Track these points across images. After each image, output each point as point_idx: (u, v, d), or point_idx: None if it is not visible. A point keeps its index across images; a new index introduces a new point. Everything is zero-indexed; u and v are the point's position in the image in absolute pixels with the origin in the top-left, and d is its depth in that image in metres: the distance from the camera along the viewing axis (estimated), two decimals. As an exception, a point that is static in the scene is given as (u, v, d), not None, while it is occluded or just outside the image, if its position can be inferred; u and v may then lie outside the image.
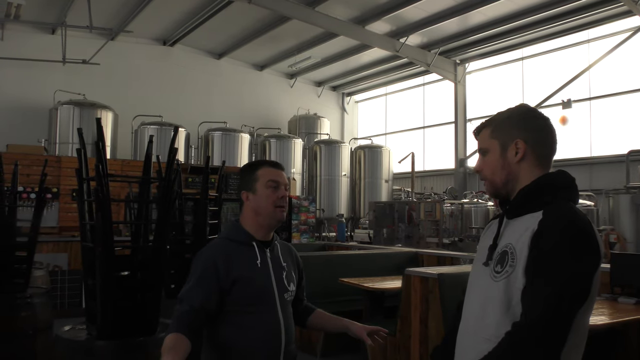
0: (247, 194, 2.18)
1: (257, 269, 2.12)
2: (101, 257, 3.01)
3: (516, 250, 1.56)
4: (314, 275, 6.38)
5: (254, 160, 2.22)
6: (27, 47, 12.82)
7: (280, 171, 2.21)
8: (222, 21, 13.06)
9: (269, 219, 2.16)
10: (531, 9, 11.51)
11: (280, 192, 2.16)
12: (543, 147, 1.68)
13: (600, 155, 11.77)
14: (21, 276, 4.48)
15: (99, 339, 3.05)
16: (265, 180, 2.15)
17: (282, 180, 2.18)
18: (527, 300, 1.49)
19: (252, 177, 2.18)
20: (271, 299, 2.11)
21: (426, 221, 10.00)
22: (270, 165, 2.22)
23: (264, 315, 2.09)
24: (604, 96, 11.98)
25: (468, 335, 1.68)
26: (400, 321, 4.94)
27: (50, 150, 11.68)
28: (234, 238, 2.16)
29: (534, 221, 1.55)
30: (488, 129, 1.74)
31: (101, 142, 3.14)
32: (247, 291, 2.07)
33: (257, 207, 2.15)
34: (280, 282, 2.17)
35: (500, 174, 1.69)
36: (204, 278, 2.04)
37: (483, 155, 1.74)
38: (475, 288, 1.71)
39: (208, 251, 2.15)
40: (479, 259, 1.74)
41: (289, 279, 2.21)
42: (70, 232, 8.72)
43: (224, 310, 2.06)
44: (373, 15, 12.48)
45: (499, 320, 1.55)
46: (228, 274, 2.05)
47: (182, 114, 13.91)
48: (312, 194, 13.77)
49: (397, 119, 17.32)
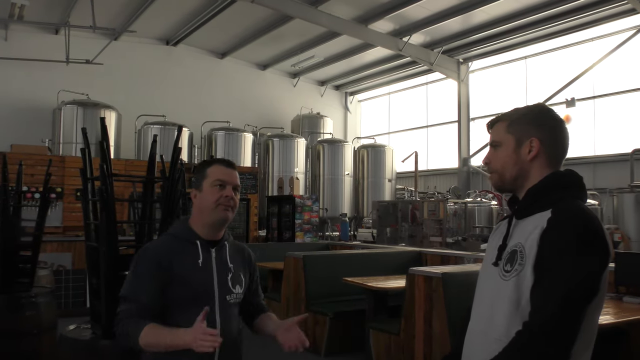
0: (195, 192, 2.13)
1: (198, 269, 2.05)
2: (105, 256, 3.02)
3: (525, 249, 1.56)
4: (317, 274, 6.40)
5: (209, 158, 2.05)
6: (31, 47, 12.85)
7: (231, 170, 2.14)
8: (224, 21, 13.07)
9: (212, 218, 2.08)
10: (534, 7, 11.48)
11: (226, 191, 2.08)
12: (556, 148, 1.69)
13: (604, 154, 11.73)
14: (26, 276, 4.49)
15: (104, 339, 3.06)
16: (212, 179, 2.09)
17: (229, 179, 2.11)
18: (536, 298, 1.49)
19: (201, 174, 2.12)
20: (210, 301, 2.03)
21: (429, 220, 9.98)
22: (221, 164, 2.15)
23: (194, 317, 1.95)
24: (607, 95, 11.94)
25: (478, 335, 1.68)
26: (404, 320, 4.93)
27: (54, 150, 11.71)
28: (178, 235, 2.11)
29: (542, 219, 1.55)
30: (504, 123, 1.73)
31: (105, 141, 3.15)
32: (183, 290, 2.01)
33: (201, 205, 2.09)
34: (223, 284, 2.09)
35: (512, 170, 1.69)
36: (149, 274, 1.99)
37: (495, 148, 1.73)
38: (485, 288, 1.71)
39: (151, 247, 2.11)
40: (487, 260, 1.73)
41: (234, 280, 2.14)
42: (74, 231, 8.75)
43: (165, 309, 2.02)
44: (376, 14, 12.47)
45: (509, 319, 1.55)
46: (169, 271, 2.00)
47: (185, 113, 13.91)
48: (315, 193, 13.77)
49: (400, 118, 17.31)
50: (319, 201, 10.66)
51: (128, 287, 2.02)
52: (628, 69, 11.55)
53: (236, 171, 2.17)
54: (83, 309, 7.53)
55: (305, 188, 13.94)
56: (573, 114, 11.84)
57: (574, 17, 11.52)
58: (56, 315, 4.54)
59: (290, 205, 9.95)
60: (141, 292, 1.98)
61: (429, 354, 4.64)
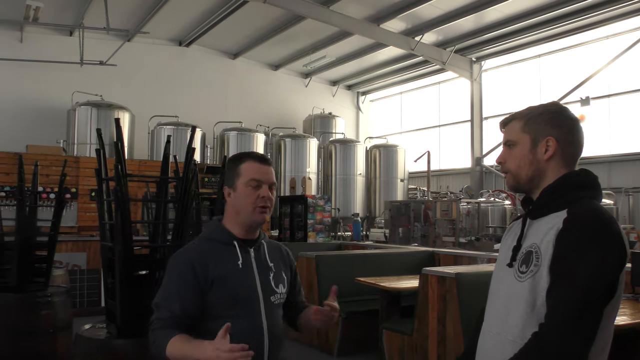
0: (228, 190, 1.99)
1: (238, 270, 1.94)
2: (120, 256, 3.04)
3: (541, 250, 1.54)
4: (329, 274, 6.40)
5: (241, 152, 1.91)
6: (46, 49, 12.99)
7: (266, 167, 1.99)
8: (237, 21, 13.11)
9: (248, 220, 1.97)
10: (547, 5, 11.37)
11: (262, 191, 1.95)
12: (572, 147, 1.67)
13: (619, 153, 11.60)
14: (41, 275, 4.54)
15: (119, 338, 3.08)
16: (247, 178, 1.95)
17: (265, 178, 1.97)
18: (552, 300, 1.47)
19: (234, 172, 1.98)
20: (254, 303, 1.94)
21: (442, 220, 9.94)
22: (255, 160, 1.99)
23: (245, 320, 1.90)
24: (623, 93, 11.80)
25: (492, 336, 1.66)
26: (417, 321, 4.92)
27: (68, 150, 11.83)
28: (213, 238, 1.99)
29: (558, 220, 1.54)
30: (519, 122, 1.70)
31: (120, 142, 3.17)
32: (225, 294, 1.89)
33: (237, 205, 1.97)
34: (266, 284, 1.99)
35: (527, 170, 1.67)
36: (182, 281, 1.88)
37: (509, 148, 1.70)
38: (499, 289, 1.69)
39: (183, 252, 1.98)
40: (501, 260, 1.71)
41: (277, 280, 2.03)
42: (88, 231, 8.83)
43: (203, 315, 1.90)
44: (388, 13, 12.43)
45: (524, 320, 1.54)
46: (206, 275, 1.88)
47: (198, 114, 13.98)
48: (327, 193, 13.77)
49: (412, 117, 17.24)
50: (331, 201, 10.64)
51: (161, 295, 1.91)
52: (644, 67, 11.40)
53: (271, 167, 2.03)
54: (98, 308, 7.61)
55: (317, 188, 13.94)
56: (587, 113, 11.71)
57: (587, 15, 11.40)
58: (71, 314, 4.59)
59: (302, 206, 9.95)
60: (173, 300, 1.87)
61: (442, 354, 4.62)
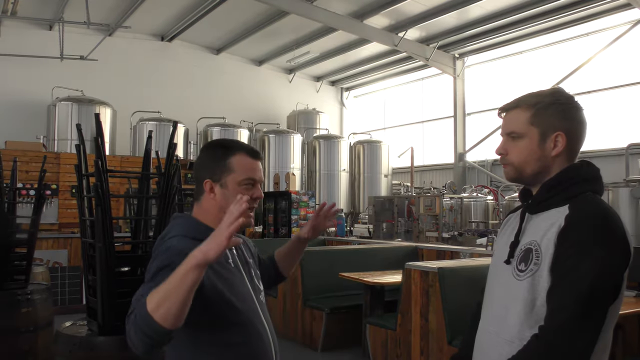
0: (213, 185, 1.69)
1: (232, 270, 1.71)
2: (101, 253, 3.01)
3: (541, 248, 1.47)
4: (313, 270, 6.41)
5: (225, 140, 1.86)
6: (25, 43, 12.78)
7: (259, 162, 1.75)
8: (220, 16, 13.02)
9: None
10: (530, 2, 11.47)
11: (257, 192, 1.71)
12: (578, 142, 1.61)
13: (600, 149, 11.76)
14: (21, 273, 4.48)
15: (100, 335, 3.05)
16: (242, 177, 1.67)
17: (259, 176, 1.72)
18: (554, 300, 1.40)
19: (223, 165, 1.69)
20: (252, 305, 1.72)
21: (426, 215, 10.00)
22: (248, 154, 1.72)
23: (250, 326, 1.68)
24: (603, 89, 11.96)
25: (489, 335, 1.60)
26: (400, 315, 4.95)
27: (48, 146, 11.66)
28: (197, 237, 1.54)
29: (559, 216, 1.47)
30: (526, 113, 1.57)
31: (100, 138, 3.13)
32: (229, 297, 1.63)
33: (225, 205, 1.60)
34: (252, 283, 1.78)
35: (534, 165, 1.57)
36: None
37: (513, 139, 1.59)
38: (496, 287, 1.62)
39: (175, 242, 1.59)
40: (498, 256, 1.63)
41: (257, 276, 1.85)
42: (69, 228, 8.74)
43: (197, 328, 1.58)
44: (371, 9, 12.44)
45: (522, 321, 1.47)
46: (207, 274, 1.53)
47: (181, 109, 13.87)
48: (311, 189, 13.77)
49: (396, 113, 17.30)
50: (315, 197, 10.64)
51: (145, 288, 1.47)
52: (623, 64, 11.57)
53: (261, 160, 1.80)
54: (79, 305, 7.54)
55: (301, 184, 13.93)
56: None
57: (569, 12, 11.53)
58: (52, 312, 4.54)
59: (286, 201, 9.94)
60: None
61: (425, 348, 4.66)
